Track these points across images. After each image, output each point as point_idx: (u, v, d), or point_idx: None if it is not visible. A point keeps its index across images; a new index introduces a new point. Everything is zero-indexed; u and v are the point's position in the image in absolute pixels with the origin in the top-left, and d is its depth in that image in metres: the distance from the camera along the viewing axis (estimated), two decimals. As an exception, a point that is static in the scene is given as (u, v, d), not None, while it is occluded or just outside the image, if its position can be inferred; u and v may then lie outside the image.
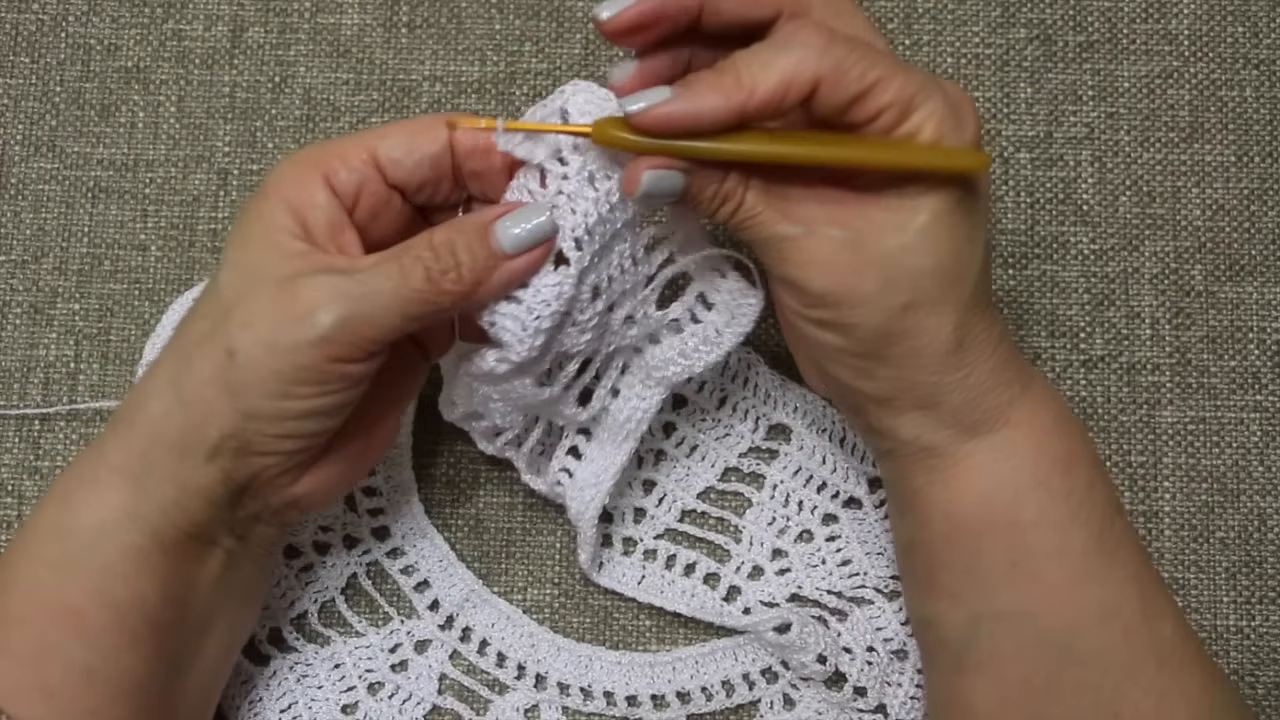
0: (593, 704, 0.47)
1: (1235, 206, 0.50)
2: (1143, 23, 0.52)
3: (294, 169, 0.37)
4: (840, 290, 0.36)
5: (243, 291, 0.36)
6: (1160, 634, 0.38)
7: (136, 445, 0.37)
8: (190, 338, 0.37)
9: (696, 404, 0.49)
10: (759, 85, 0.34)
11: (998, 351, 0.38)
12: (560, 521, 0.49)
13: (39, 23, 0.52)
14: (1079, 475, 0.38)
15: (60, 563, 0.37)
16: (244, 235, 0.37)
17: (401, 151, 0.38)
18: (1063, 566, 0.38)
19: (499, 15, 0.52)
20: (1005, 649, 0.39)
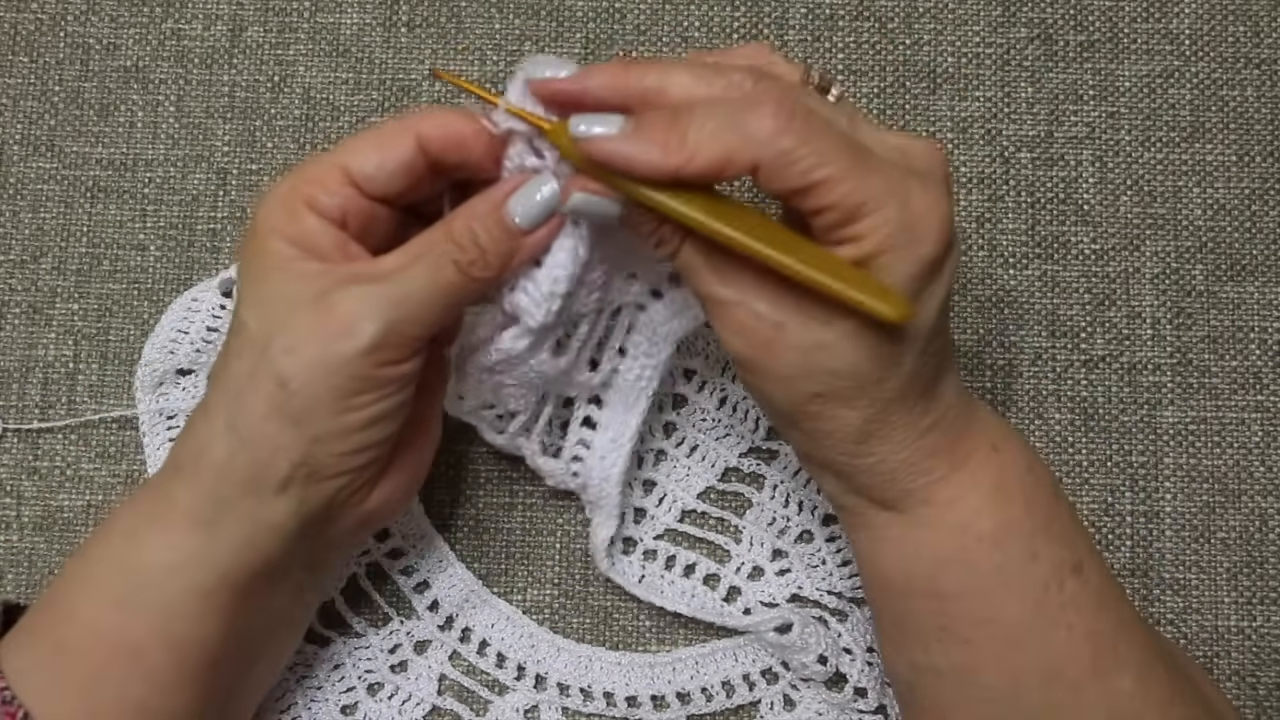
0: (592, 704, 0.47)
1: (1236, 206, 0.50)
2: (1144, 22, 0.52)
3: (277, 206, 0.37)
4: (756, 364, 0.36)
5: (275, 322, 0.36)
6: (1116, 689, 0.37)
7: (204, 488, 0.37)
8: (234, 378, 0.37)
9: (696, 404, 0.49)
10: (699, 153, 0.33)
11: (920, 441, 0.37)
12: (560, 521, 0.49)
13: (38, 22, 0.52)
14: (1010, 548, 0.37)
15: (124, 600, 0.37)
16: (256, 274, 0.37)
17: (373, 166, 0.37)
18: (994, 633, 0.37)
19: (499, 15, 0.52)
20: (947, 699, 0.38)
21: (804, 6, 0.52)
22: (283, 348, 0.36)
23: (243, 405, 0.36)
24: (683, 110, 0.34)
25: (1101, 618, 0.38)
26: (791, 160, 0.33)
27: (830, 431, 0.37)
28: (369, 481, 0.39)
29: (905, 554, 0.38)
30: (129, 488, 0.49)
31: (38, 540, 0.49)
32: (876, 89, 0.51)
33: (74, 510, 0.49)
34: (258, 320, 0.37)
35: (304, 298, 0.36)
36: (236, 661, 0.40)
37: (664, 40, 0.52)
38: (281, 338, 0.36)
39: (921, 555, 0.37)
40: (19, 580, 0.49)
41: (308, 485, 0.37)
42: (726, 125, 0.33)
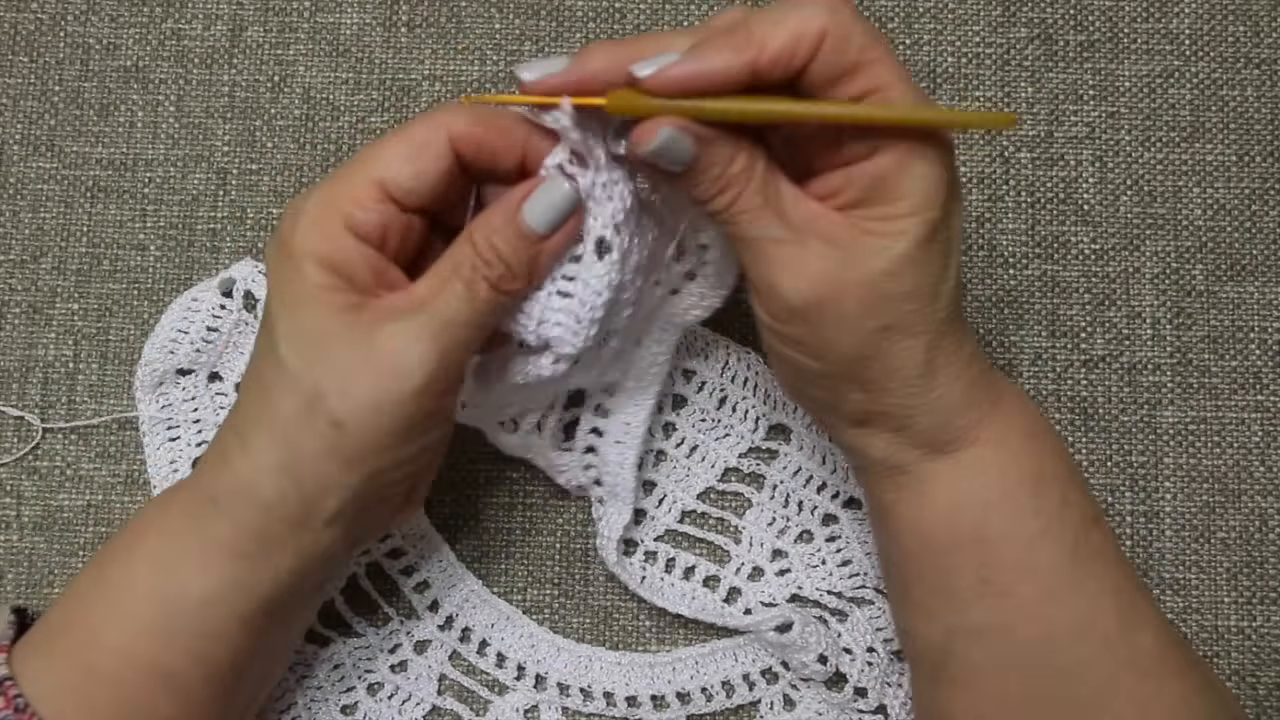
0: (592, 704, 0.47)
1: (1236, 206, 0.50)
2: (1144, 22, 0.52)
3: (311, 224, 0.36)
4: (820, 304, 0.36)
5: (320, 362, 0.36)
6: (1139, 645, 0.38)
7: (249, 526, 0.37)
8: (284, 418, 0.36)
9: (696, 404, 0.49)
10: (769, 41, 0.34)
11: (968, 370, 0.38)
12: (560, 521, 0.49)
13: (38, 22, 0.52)
14: (1049, 491, 0.38)
15: (160, 629, 0.37)
16: (288, 303, 0.36)
17: (411, 179, 0.36)
18: (1034, 582, 0.37)
19: (499, 15, 0.52)
20: (980, 663, 0.38)
21: (804, 6, 0.52)
22: (335, 391, 0.35)
23: (298, 448, 0.36)
24: (736, 22, 0.35)
25: (1123, 572, 0.39)
26: (855, 30, 0.34)
27: (896, 369, 0.37)
28: (406, 493, 0.40)
29: (955, 501, 0.38)
30: (129, 488, 0.49)
31: (38, 540, 0.49)
32: (876, 89, 0.51)
33: (74, 510, 0.49)
34: (299, 357, 0.36)
35: (347, 335, 0.36)
36: (261, 673, 0.41)
37: (664, 40, 0.52)
38: (331, 381, 0.35)
39: (971, 498, 0.38)
40: (19, 580, 0.49)
41: (356, 515, 0.37)
42: (787, 11, 0.34)
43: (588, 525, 0.49)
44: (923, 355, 0.37)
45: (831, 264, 0.35)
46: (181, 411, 0.49)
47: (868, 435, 0.39)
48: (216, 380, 0.49)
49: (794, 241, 0.36)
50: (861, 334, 0.36)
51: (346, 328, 0.36)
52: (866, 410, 0.38)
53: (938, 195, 0.35)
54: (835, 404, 0.39)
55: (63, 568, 0.49)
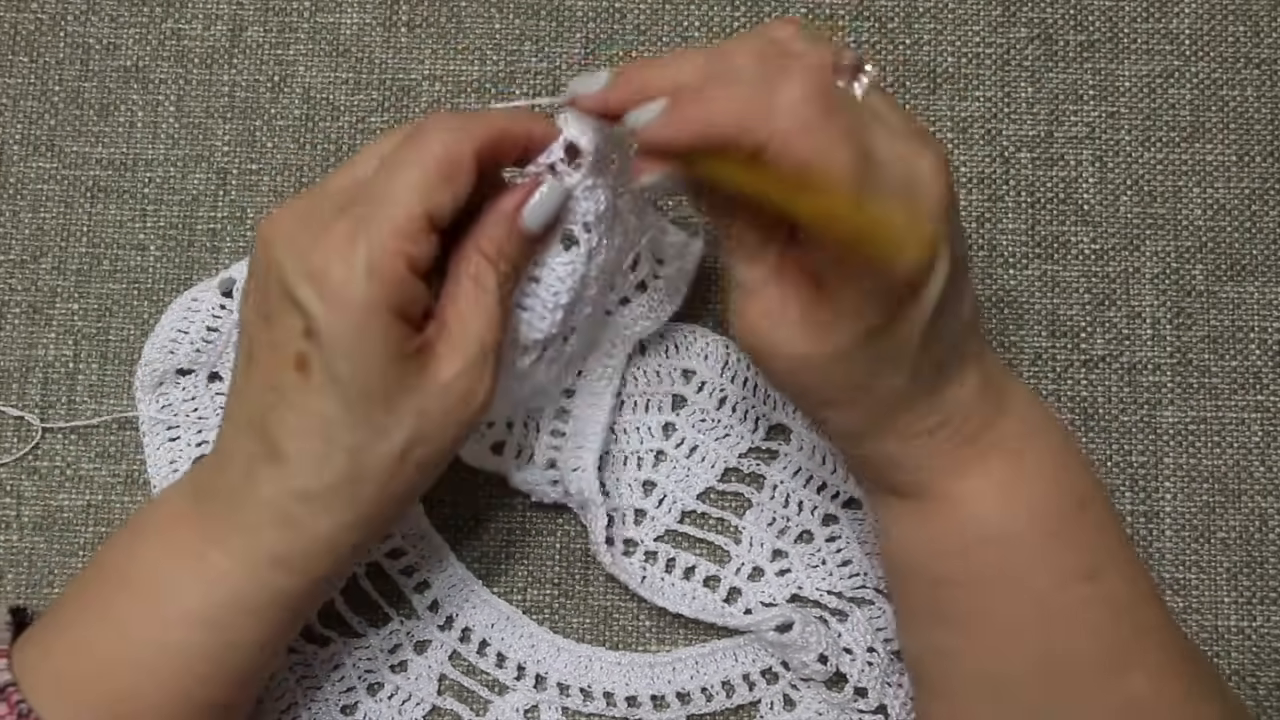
0: (592, 704, 0.47)
1: (1236, 206, 0.50)
2: (1144, 22, 0.52)
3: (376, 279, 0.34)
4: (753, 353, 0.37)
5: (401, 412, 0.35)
6: (1125, 689, 0.37)
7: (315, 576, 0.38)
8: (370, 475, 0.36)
9: (696, 404, 0.49)
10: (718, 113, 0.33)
11: (930, 439, 0.37)
12: (560, 521, 0.49)
13: (38, 22, 0.52)
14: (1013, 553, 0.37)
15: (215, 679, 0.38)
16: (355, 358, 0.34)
17: (450, 205, 0.35)
18: (990, 625, 0.37)
19: (499, 15, 0.52)
20: (951, 680, 0.39)
21: (804, 6, 0.52)
22: (421, 438, 0.36)
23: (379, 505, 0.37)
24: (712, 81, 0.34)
25: (1114, 624, 0.37)
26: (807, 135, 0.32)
27: (827, 422, 0.38)
28: None
29: (911, 539, 0.38)
30: (129, 488, 0.49)
31: (38, 540, 0.49)
32: (876, 89, 0.51)
33: (74, 510, 0.49)
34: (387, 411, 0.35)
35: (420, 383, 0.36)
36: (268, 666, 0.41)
37: (664, 40, 0.52)
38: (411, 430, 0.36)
39: (922, 544, 0.38)
40: (19, 580, 0.49)
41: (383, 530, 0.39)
42: (753, 88, 0.33)
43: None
44: (855, 426, 0.37)
45: (767, 327, 0.36)
46: (181, 411, 0.49)
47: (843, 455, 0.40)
48: (216, 380, 0.49)
49: (749, 292, 0.36)
50: (790, 389, 0.38)
51: (416, 375, 0.35)
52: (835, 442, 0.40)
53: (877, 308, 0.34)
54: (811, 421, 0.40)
55: (63, 568, 0.49)
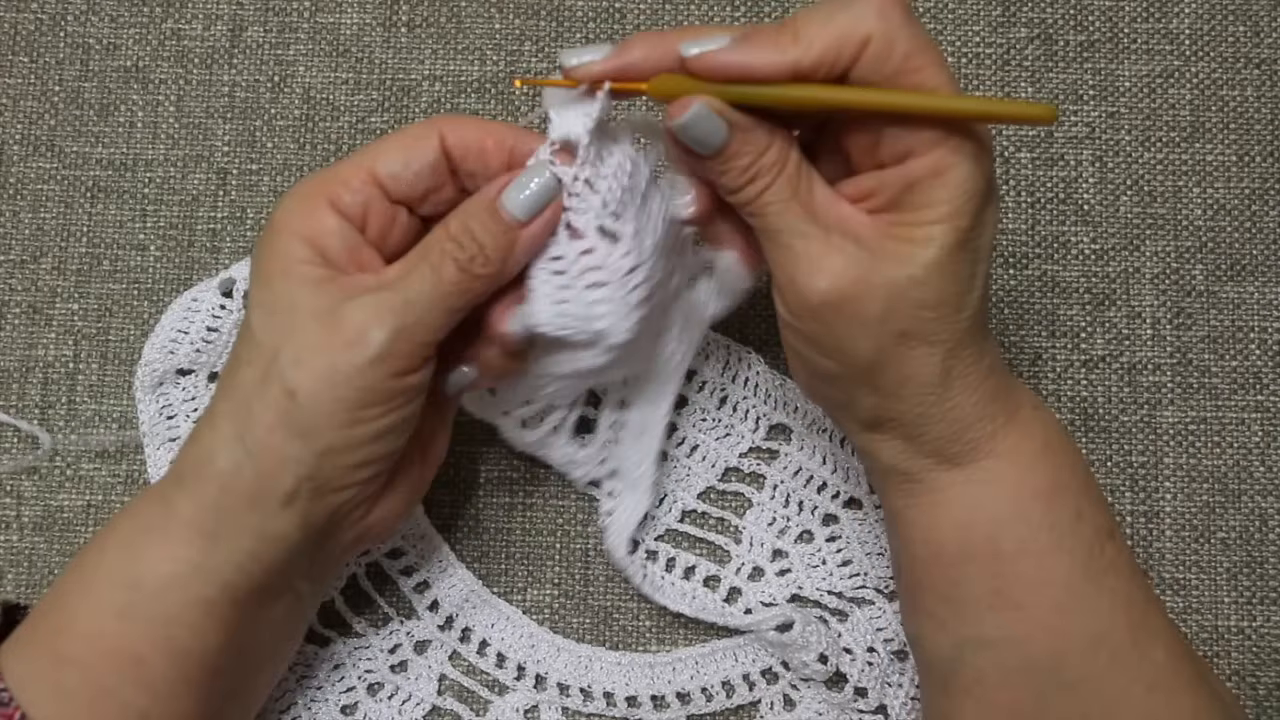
0: (592, 704, 0.47)
1: (1236, 206, 0.50)
2: (1144, 22, 0.52)
3: (298, 201, 0.37)
4: (839, 304, 0.36)
5: (282, 331, 0.36)
6: (1150, 659, 0.38)
7: (207, 499, 0.37)
8: (242, 386, 0.37)
9: (697, 404, 0.49)
10: (815, 41, 0.34)
11: (985, 383, 0.37)
12: (560, 521, 0.49)
13: (38, 22, 0.52)
14: (1063, 506, 0.38)
15: (126, 612, 0.37)
16: (264, 275, 0.37)
17: (399, 165, 0.37)
18: (1046, 596, 0.37)
19: (499, 15, 0.52)
20: (990, 675, 0.38)
21: (804, 6, 0.52)
22: (291, 359, 0.36)
23: (251, 416, 0.36)
24: (785, 20, 0.35)
25: (1137, 585, 0.39)
26: (901, 36, 0.34)
27: (910, 376, 0.37)
28: (372, 496, 0.39)
29: (966, 515, 0.38)
30: (129, 488, 0.49)
31: (38, 540, 0.49)
32: (876, 89, 0.51)
33: (74, 510, 0.49)
34: (265, 327, 0.37)
35: (310, 307, 0.36)
36: (237, 670, 0.40)
37: (664, 40, 0.52)
38: (289, 348, 0.36)
39: (982, 513, 0.38)
40: (19, 580, 0.49)
41: (313, 499, 0.37)
42: (834, 11, 0.34)
43: (588, 525, 0.49)
44: (939, 365, 0.36)
45: (855, 264, 0.35)
46: (181, 411, 0.49)
47: (879, 440, 0.39)
48: (216, 380, 0.49)
49: (819, 238, 0.36)
50: (879, 338, 0.36)
51: (313, 299, 0.36)
52: (878, 415, 0.38)
53: (970, 204, 0.35)
54: (848, 405, 0.39)
55: (63, 568, 0.49)
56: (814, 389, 0.40)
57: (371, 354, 0.35)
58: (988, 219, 0.36)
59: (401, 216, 0.39)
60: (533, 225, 0.37)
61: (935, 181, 0.35)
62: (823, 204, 0.36)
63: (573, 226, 0.38)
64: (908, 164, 0.35)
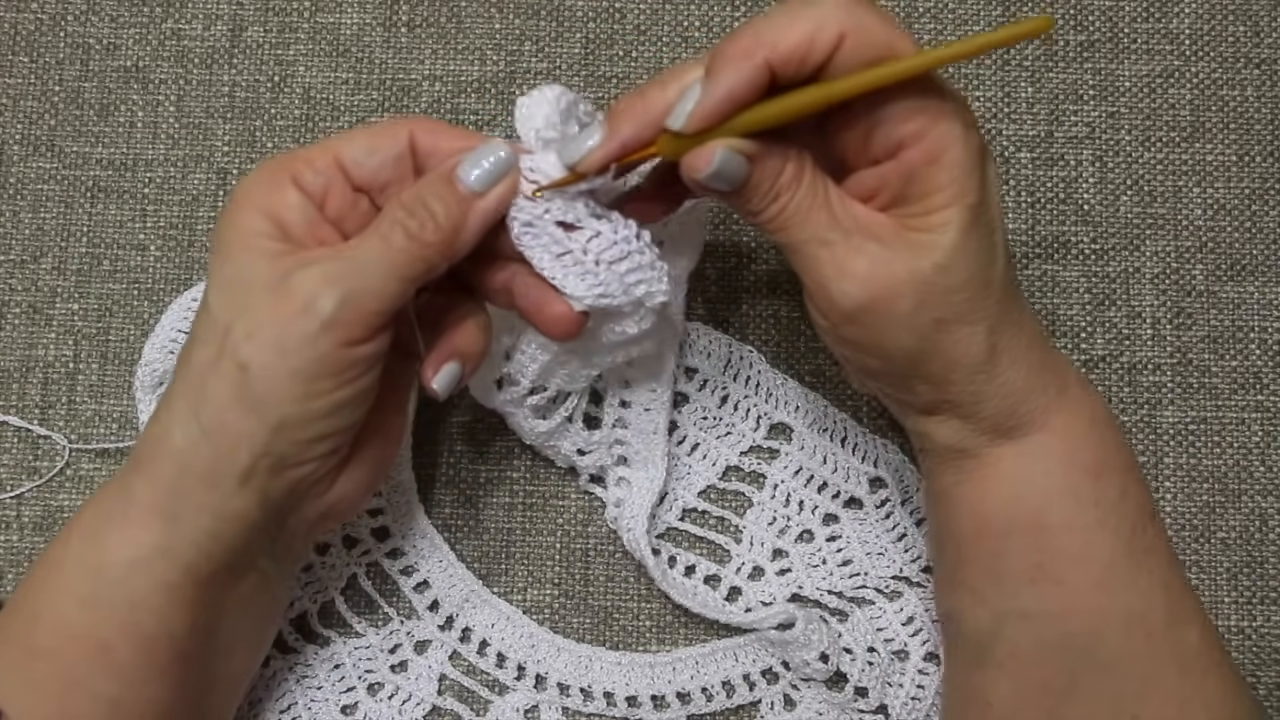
0: (593, 704, 0.47)
1: (1236, 206, 0.50)
2: (1144, 22, 0.52)
3: (260, 175, 0.37)
4: (873, 305, 0.36)
5: (237, 305, 0.36)
6: (1184, 641, 0.38)
7: (164, 480, 0.37)
8: (197, 364, 0.37)
9: (698, 402, 0.49)
10: (780, 40, 0.34)
11: (1030, 354, 0.38)
12: (560, 521, 0.49)
13: (38, 22, 0.52)
14: (1110, 482, 0.38)
15: (90, 599, 0.37)
16: (223, 250, 0.37)
17: (364, 154, 0.38)
18: (1088, 572, 0.38)
19: (499, 15, 0.52)
20: (1026, 649, 0.39)
21: (804, 6, 0.52)
22: (243, 333, 0.36)
23: (205, 393, 0.36)
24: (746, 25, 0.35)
25: (1173, 567, 0.39)
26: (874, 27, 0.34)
27: (957, 360, 0.37)
28: (331, 472, 0.39)
29: (1017, 487, 0.38)
30: (129, 488, 0.49)
31: (38, 540, 0.49)
32: (876, 89, 0.51)
33: (74, 510, 0.49)
34: (221, 303, 0.36)
35: (266, 280, 0.36)
36: (207, 654, 0.40)
37: (664, 40, 0.52)
38: (241, 323, 0.36)
39: (1033, 485, 0.38)
40: (19, 580, 0.49)
41: (270, 476, 0.37)
42: (799, 9, 0.34)
43: (588, 525, 0.49)
44: (983, 343, 0.37)
45: (880, 263, 0.36)
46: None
47: (936, 422, 0.39)
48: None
49: (842, 243, 0.36)
50: (918, 330, 0.36)
51: (269, 273, 0.36)
52: (934, 400, 0.38)
53: (972, 179, 0.35)
54: (903, 396, 0.39)
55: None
56: (865, 384, 0.41)
57: (320, 321, 0.35)
58: (991, 187, 0.36)
59: (362, 204, 0.38)
60: (487, 198, 0.37)
61: (933, 167, 0.35)
62: (840, 209, 0.37)
63: (565, 224, 0.38)
64: (901, 156, 0.35)
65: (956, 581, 0.41)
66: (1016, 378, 0.38)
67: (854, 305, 0.36)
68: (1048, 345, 0.39)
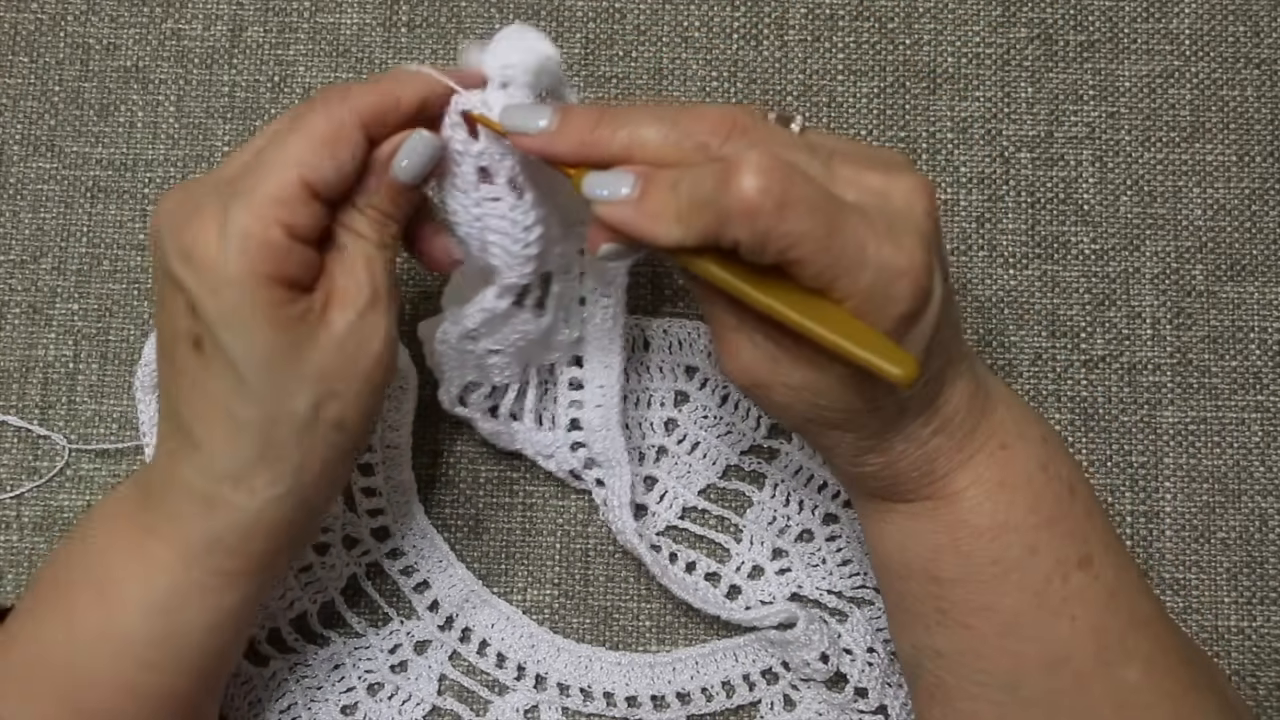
0: (592, 705, 0.47)
1: (1236, 206, 0.50)
2: (1144, 22, 0.52)
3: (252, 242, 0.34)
4: (753, 389, 0.36)
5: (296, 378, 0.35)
6: (1121, 680, 0.37)
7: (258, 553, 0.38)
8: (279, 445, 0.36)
9: (698, 401, 0.49)
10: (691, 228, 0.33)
11: (923, 449, 0.37)
12: (560, 521, 0.49)
13: (38, 22, 0.52)
14: (1010, 543, 0.37)
15: (161, 665, 0.38)
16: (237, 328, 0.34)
17: (335, 174, 0.35)
18: (992, 620, 0.37)
19: (499, 15, 0.52)
20: (949, 682, 0.39)
21: (804, 6, 0.52)
22: (329, 395, 0.36)
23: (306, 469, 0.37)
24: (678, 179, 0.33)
25: (1112, 610, 0.38)
26: (768, 240, 0.32)
27: (829, 447, 0.38)
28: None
29: (905, 540, 0.38)
30: (129, 488, 0.49)
31: (38, 540, 0.49)
32: (876, 89, 0.51)
33: (74, 510, 0.49)
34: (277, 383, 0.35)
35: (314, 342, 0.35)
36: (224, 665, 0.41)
37: (664, 40, 0.52)
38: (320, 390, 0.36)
39: (920, 542, 0.38)
40: (19, 580, 0.49)
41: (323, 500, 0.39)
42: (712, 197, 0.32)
43: (588, 525, 0.49)
44: (851, 446, 0.37)
45: (760, 361, 0.36)
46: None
47: (832, 467, 0.40)
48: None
49: (734, 329, 0.36)
50: (789, 419, 0.37)
51: (308, 336, 0.35)
52: (819, 451, 0.40)
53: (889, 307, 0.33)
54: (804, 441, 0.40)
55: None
56: None
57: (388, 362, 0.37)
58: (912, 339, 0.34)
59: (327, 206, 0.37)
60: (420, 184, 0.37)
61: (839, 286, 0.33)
62: None
63: (486, 170, 0.37)
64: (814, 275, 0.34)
65: (885, 606, 0.42)
66: (895, 468, 0.37)
67: (733, 381, 0.37)
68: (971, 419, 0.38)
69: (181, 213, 0.35)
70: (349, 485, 0.48)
